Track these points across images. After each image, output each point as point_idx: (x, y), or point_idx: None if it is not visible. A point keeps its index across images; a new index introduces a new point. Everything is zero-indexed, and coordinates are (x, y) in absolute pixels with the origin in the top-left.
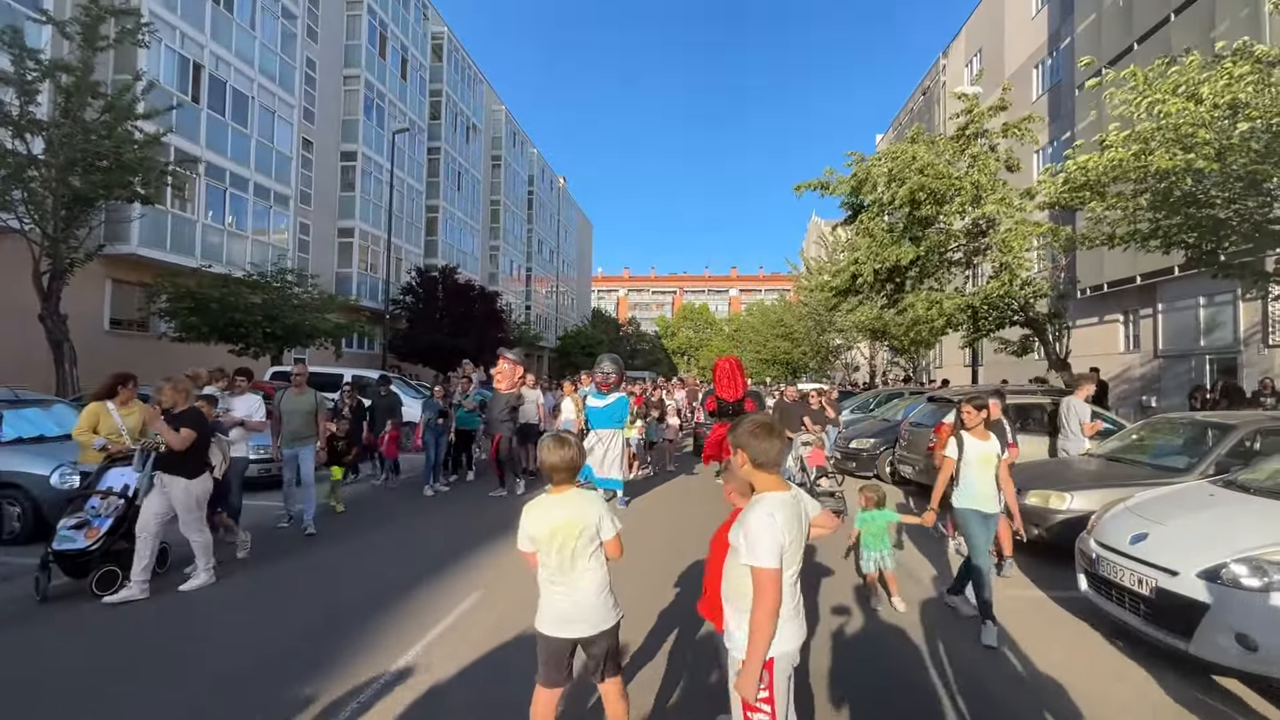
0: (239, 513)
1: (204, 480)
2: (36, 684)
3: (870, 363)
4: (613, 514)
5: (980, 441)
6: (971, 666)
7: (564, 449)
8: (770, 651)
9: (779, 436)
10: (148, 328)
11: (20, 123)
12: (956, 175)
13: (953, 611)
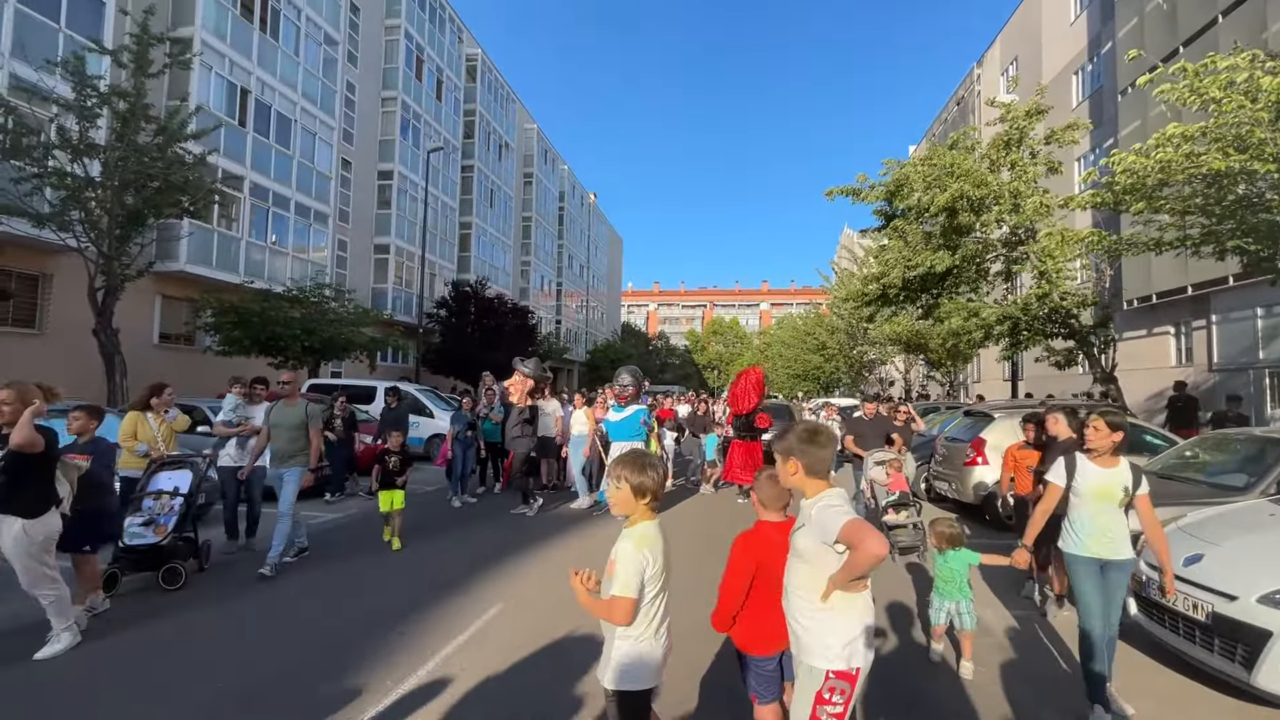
0: (257, 522)
1: (46, 520)
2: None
3: (905, 377)
4: (636, 568)
5: (1102, 469)
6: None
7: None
8: (858, 661)
9: (832, 443)
10: (194, 342)
11: (79, 146)
12: (997, 183)
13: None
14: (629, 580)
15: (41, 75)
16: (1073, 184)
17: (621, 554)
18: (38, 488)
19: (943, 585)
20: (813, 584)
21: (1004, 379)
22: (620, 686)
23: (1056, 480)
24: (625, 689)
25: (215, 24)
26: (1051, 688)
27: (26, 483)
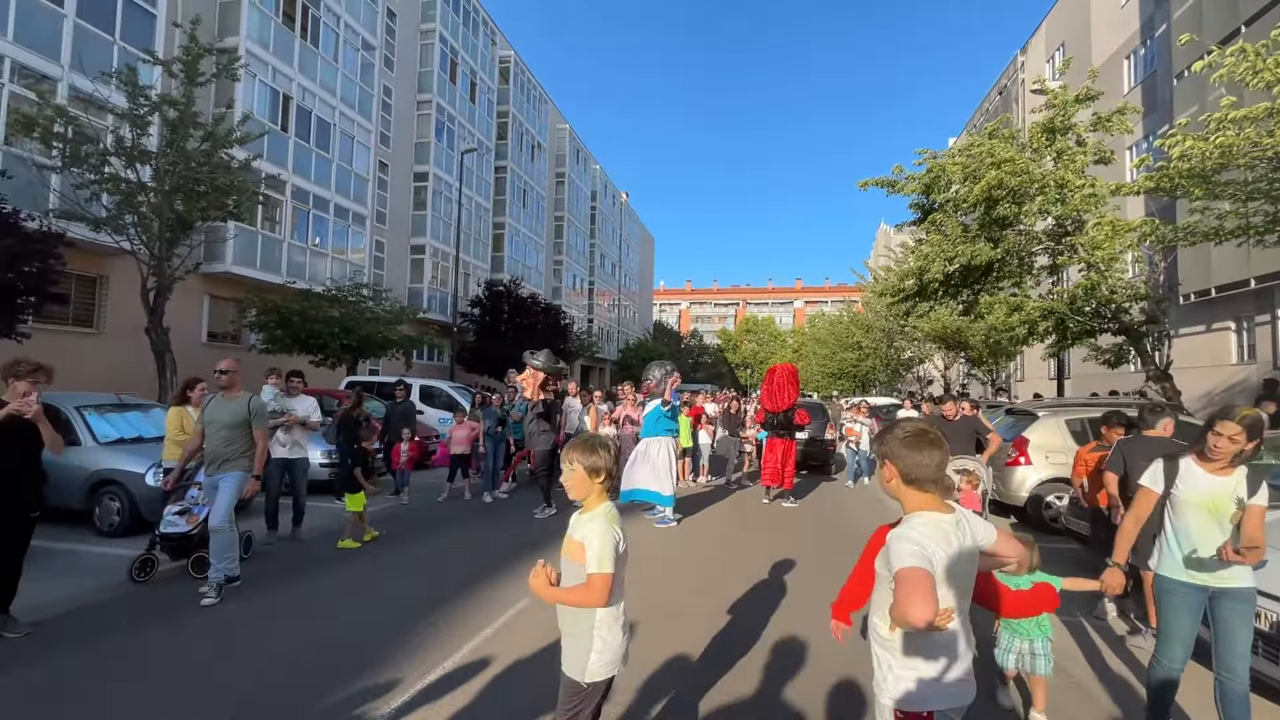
0: (303, 513)
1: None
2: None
3: (944, 375)
4: (611, 543)
5: (1214, 476)
6: None
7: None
8: (931, 703)
9: (938, 446)
10: (240, 340)
11: (133, 153)
12: (1040, 172)
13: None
14: (605, 555)
15: (97, 86)
16: (1124, 174)
17: (593, 532)
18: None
19: (1013, 619)
20: (885, 608)
21: (1049, 377)
22: (595, 678)
23: (1152, 485)
24: (598, 679)
25: (259, 33)
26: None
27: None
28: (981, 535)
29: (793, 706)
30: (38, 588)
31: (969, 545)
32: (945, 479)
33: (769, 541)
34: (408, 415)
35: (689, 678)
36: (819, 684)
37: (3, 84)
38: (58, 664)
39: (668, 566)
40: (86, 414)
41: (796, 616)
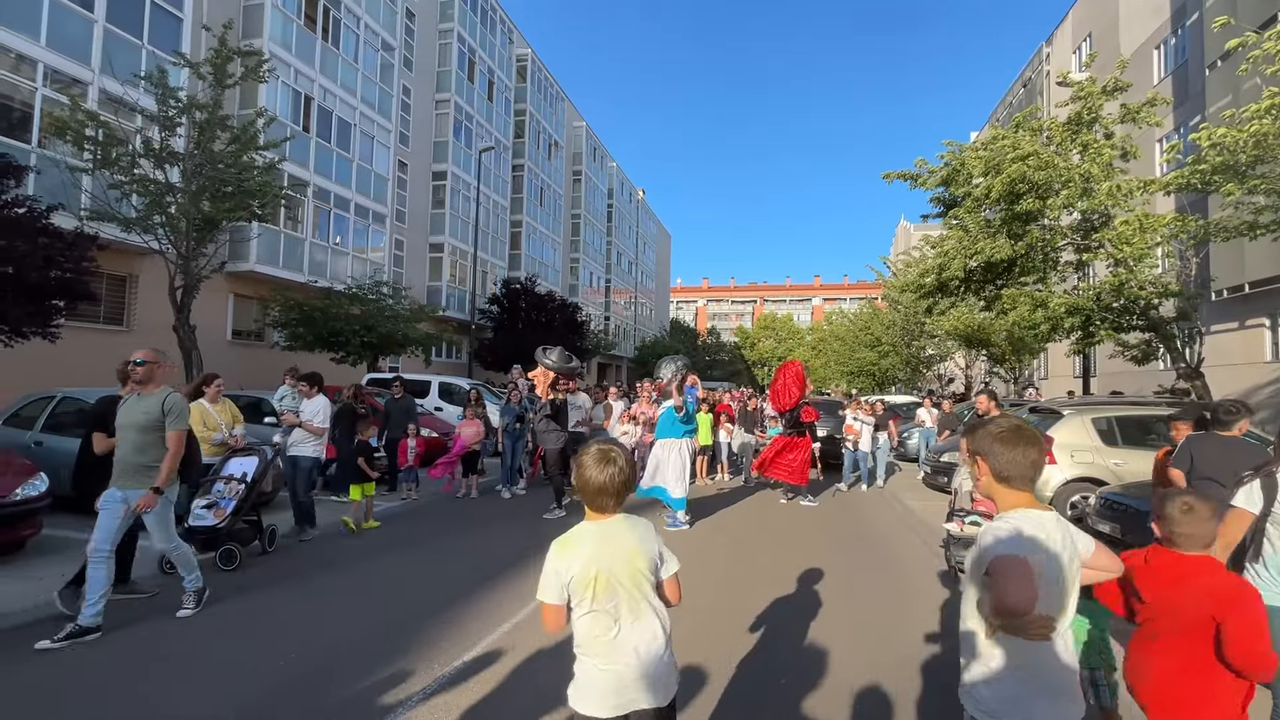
0: (312, 512)
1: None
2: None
3: (966, 373)
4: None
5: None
6: None
7: (609, 466)
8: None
9: (1034, 443)
10: (264, 338)
11: (161, 155)
12: (1064, 166)
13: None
14: (541, 582)
15: (127, 89)
16: (1153, 167)
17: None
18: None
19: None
20: (974, 612)
21: (1074, 375)
22: (573, 705)
23: (1247, 506)
24: (575, 709)
25: (282, 35)
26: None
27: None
28: (1082, 544)
29: (813, 712)
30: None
31: (1070, 549)
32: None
33: (783, 542)
34: (409, 412)
35: (703, 681)
36: (840, 689)
37: (36, 88)
38: (88, 651)
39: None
40: None
41: (809, 619)
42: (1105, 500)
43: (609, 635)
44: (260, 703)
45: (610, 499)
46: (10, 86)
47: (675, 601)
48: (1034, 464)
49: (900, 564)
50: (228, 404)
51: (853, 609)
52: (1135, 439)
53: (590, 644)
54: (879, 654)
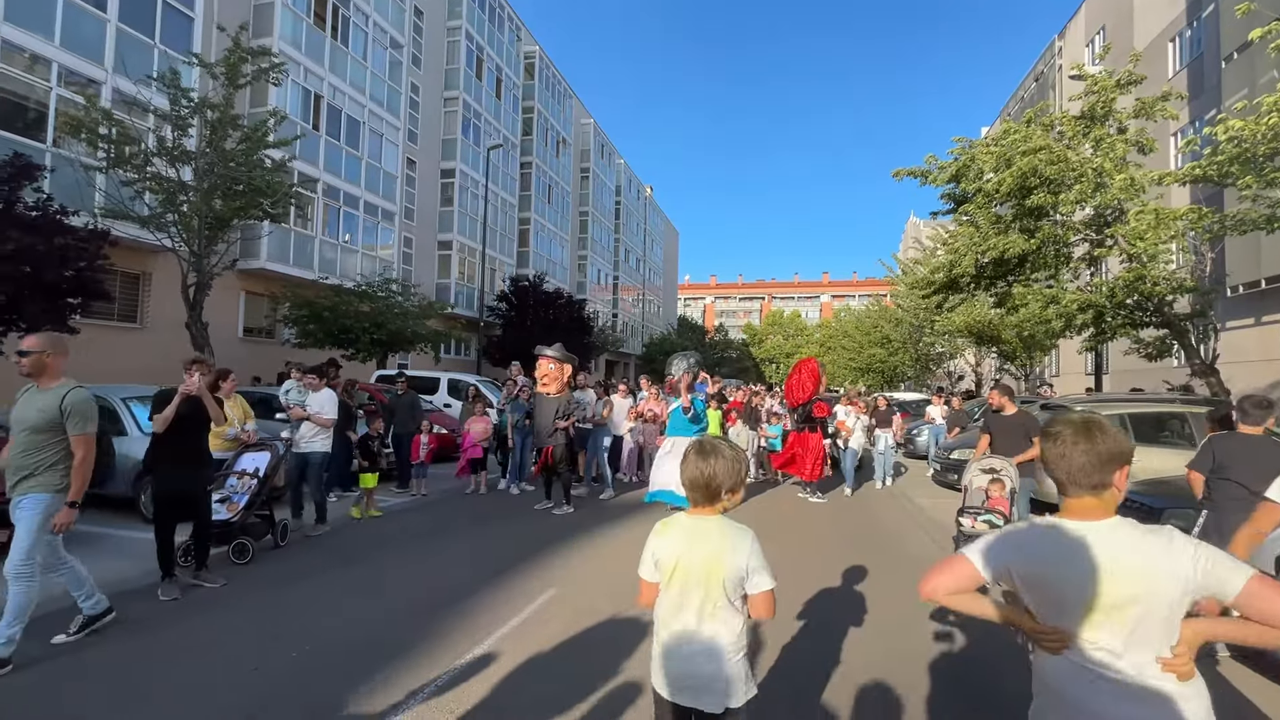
0: (323, 506)
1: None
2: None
3: (975, 370)
4: (765, 558)
5: None
6: None
7: (699, 461)
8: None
9: (1080, 439)
10: (274, 335)
11: (174, 153)
12: (1077, 160)
13: None
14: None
15: (140, 89)
16: (1168, 162)
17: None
18: None
19: None
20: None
21: (1086, 372)
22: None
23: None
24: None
25: (292, 34)
26: None
27: None
28: (1214, 577)
29: (822, 709)
30: (90, 569)
31: (1129, 562)
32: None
33: (792, 540)
34: (413, 407)
35: None
36: (848, 686)
37: (50, 87)
38: (107, 643)
39: None
40: (132, 405)
41: (817, 616)
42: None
43: (676, 624)
44: (270, 695)
45: (698, 494)
46: (26, 86)
47: (760, 617)
48: (1080, 468)
49: (910, 561)
50: (239, 400)
51: (861, 606)
52: (1148, 436)
53: (661, 625)
54: (887, 651)
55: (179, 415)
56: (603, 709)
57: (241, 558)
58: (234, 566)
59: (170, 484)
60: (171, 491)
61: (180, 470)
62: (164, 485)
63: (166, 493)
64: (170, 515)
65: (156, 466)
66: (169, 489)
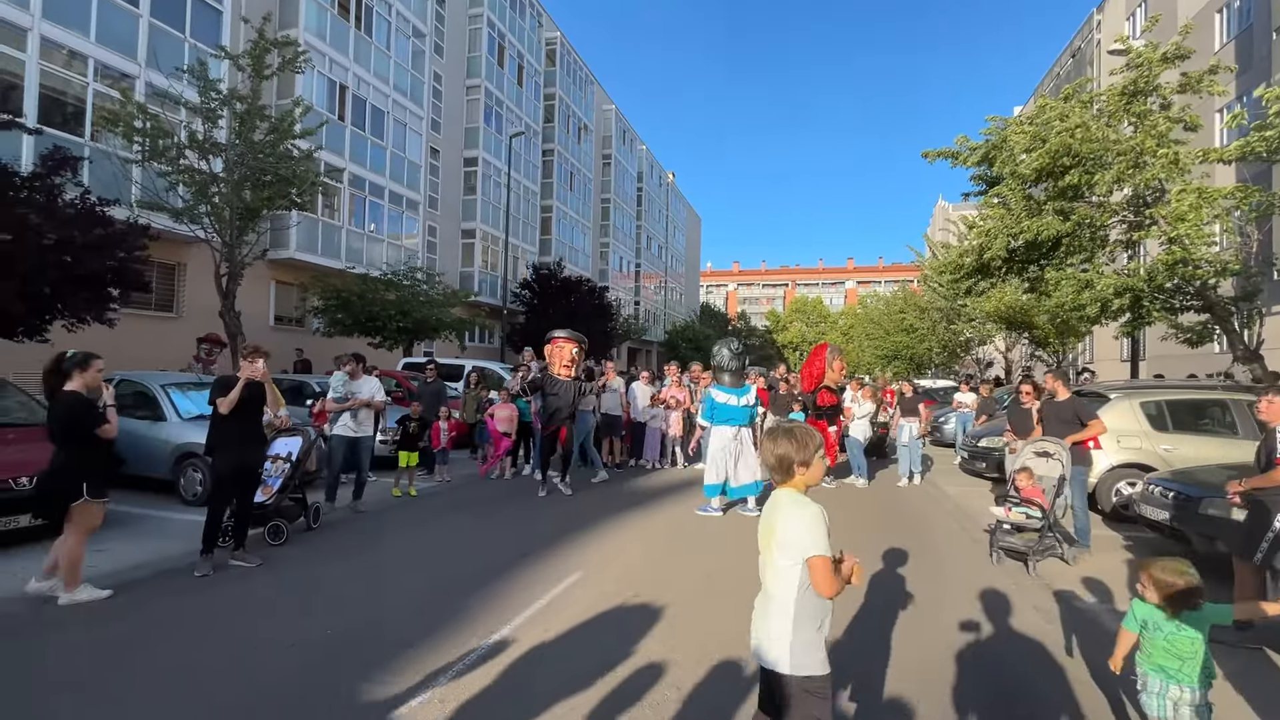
0: (364, 487)
1: None
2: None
3: (1006, 356)
4: (818, 529)
5: None
6: None
7: (770, 442)
8: None
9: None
10: (304, 324)
11: (205, 146)
12: (1115, 139)
13: None
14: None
15: (171, 82)
16: (1213, 139)
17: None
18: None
19: (1168, 662)
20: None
21: (1122, 359)
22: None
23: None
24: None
25: (317, 25)
26: None
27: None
28: None
29: (850, 697)
30: (133, 548)
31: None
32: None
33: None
34: (439, 395)
35: (739, 668)
36: (875, 677)
37: (87, 83)
38: (147, 617)
39: (720, 555)
40: (170, 392)
41: (848, 606)
42: (1155, 486)
43: (763, 585)
44: (304, 670)
45: (775, 473)
46: (64, 82)
47: (822, 593)
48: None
49: (937, 551)
50: (272, 388)
51: (890, 597)
52: (1187, 424)
53: None
54: (915, 641)
55: (241, 398)
56: (626, 690)
57: (277, 539)
58: (269, 548)
59: (232, 463)
60: (233, 471)
61: (242, 450)
62: (226, 465)
63: (228, 472)
64: (228, 493)
65: (219, 447)
66: (231, 468)
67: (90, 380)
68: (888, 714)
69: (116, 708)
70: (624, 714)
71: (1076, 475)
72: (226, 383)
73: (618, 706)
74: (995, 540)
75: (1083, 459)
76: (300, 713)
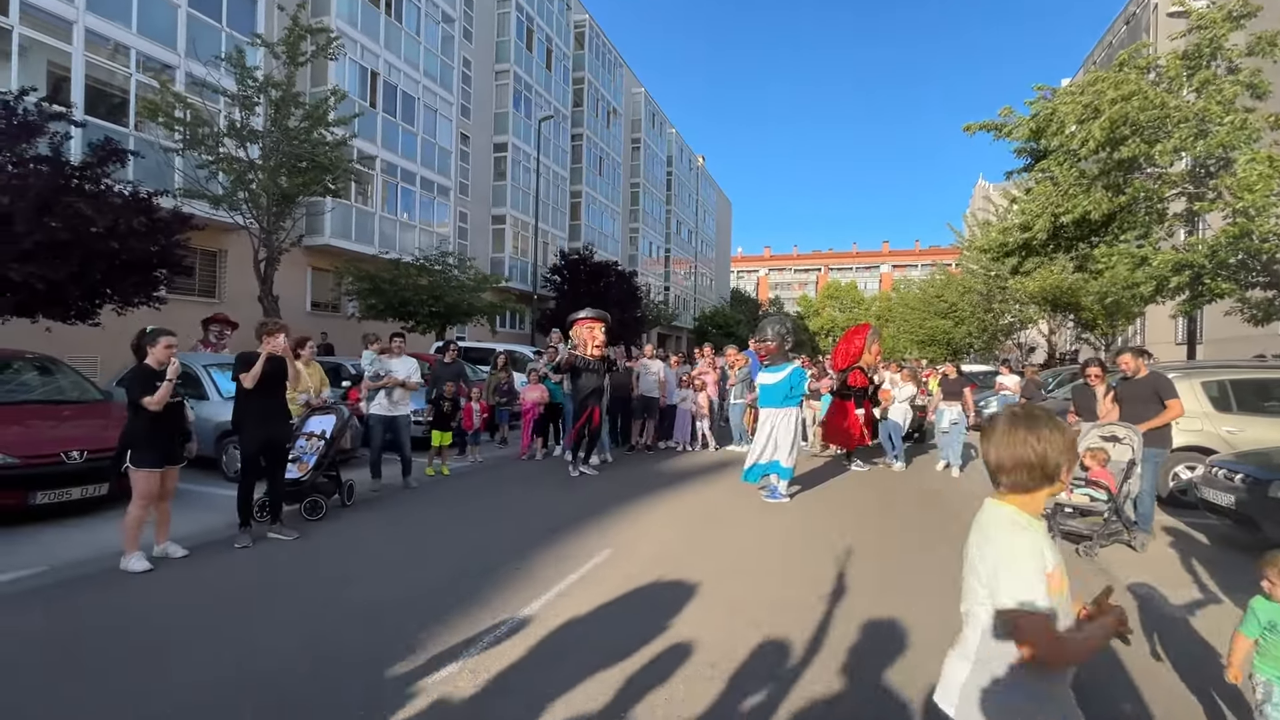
0: (410, 463)
1: None
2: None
3: (1049, 340)
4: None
5: None
6: None
7: (1032, 434)
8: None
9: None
10: (339, 309)
11: (243, 133)
12: (1176, 105)
13: None
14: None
15: (210, 71)
16: None
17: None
18: None
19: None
20: None
21: (1177, 341)
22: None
23: None
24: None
25: (349, 12)
26: None
27: None
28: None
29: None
30: (176, 520)
31: None
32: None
33: (858, 515)
34: (459, 375)
35: (786, 651)
36: (917, 671)
37: (130, 74)
38: (195, 583)
39: (785, 552)
40: (212, 372)
41: (888, 592)
42: (1220, 469)
43: None
44: (337, 636)
45: (1020, 476)
46: (108, 74)
47: (1023, 652)
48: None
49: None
50: (317, 368)
51: (933, 586)
52: (1252, 405)
53: None
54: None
55: (264, 373)
56: (653, 668)
57: (314, 514)
58: (306, 523)
59: (259, 439)
60: (259, 446)
61: (266, 425)
62: (252, 440)
63: (255, 447)
64: (255, 468)
65: (244, 422)
66: (258, 443)
67: (160, 355)
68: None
69: (154, 658)
70: (656, 690)
71: (1150, 458)
72: (248, 359)
73: (649, 682)
74: (1055, 523)
75: (1162, 441)
76: (331, 678)
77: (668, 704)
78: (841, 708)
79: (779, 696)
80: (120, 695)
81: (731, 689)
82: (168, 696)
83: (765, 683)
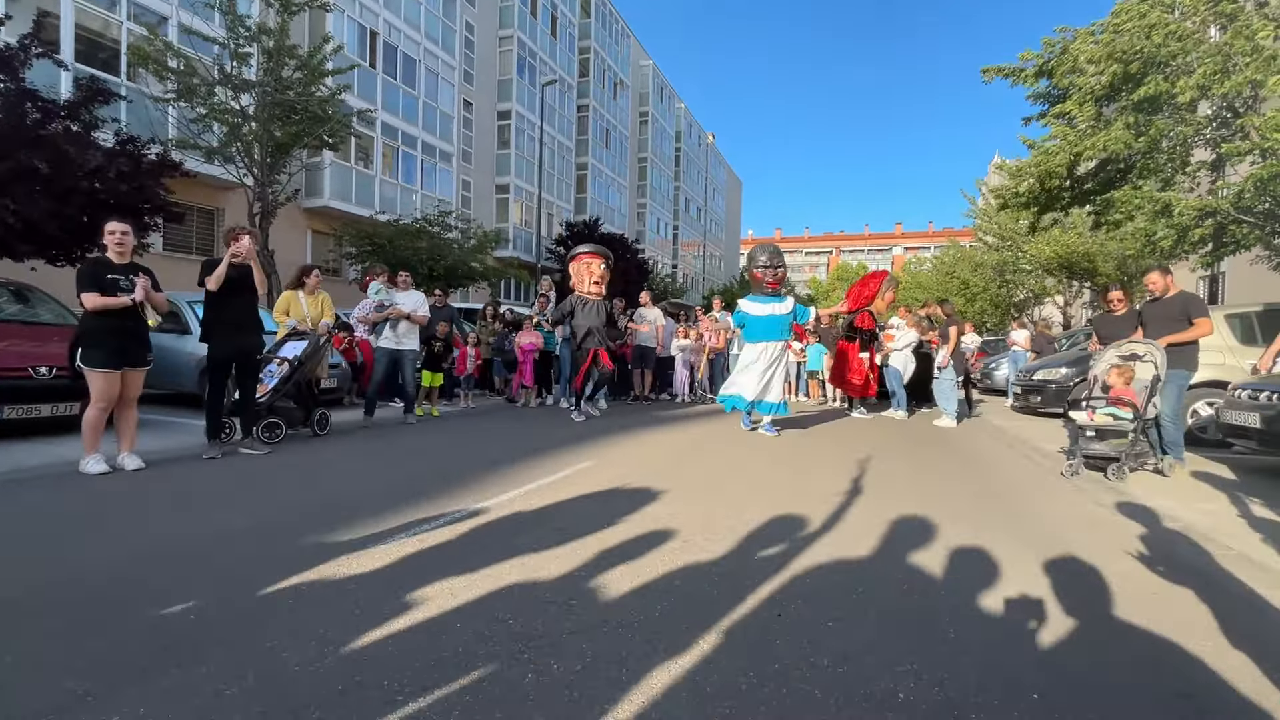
0: (414, 399)
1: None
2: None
3: (1064, 312)
4: None
5: None
6: None
7: None
8: None
9: None
10: (340, 274)
11: (235, 83)
12: (1198, 37)
13: None
14: None
15: (201, 20)
16: None
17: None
18: None
19: None
20: None
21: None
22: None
23: None
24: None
25: None
26: None
27: None
28: None
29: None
30: (153, 441)
31: None
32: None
33: (873, 459)
34: (451, 319)
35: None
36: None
37: (122, 22)
38: (152, 481)
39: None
40: (195, 308)
41: (920, 540)
42: (1243, 391)
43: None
44: (271, 522)
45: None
46: (102, 23)
47: None
48: None
49: (1006, 479)
50: (323, 296)
51: (961, 533)
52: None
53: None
54: (992, 581)
55: (229, 279)
56: (621, 547)
57: (271, 436)
58: (277, 444)
59: (225, 347)
60: (227, 355)
61: (235, 334)
62: (219, 349)
63: (223, 355)
64: (224, 376)
65: (213, 331)
66: (225, 352)
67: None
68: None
69: (119, 544)
70: (620, 562)
71: (1173, 379)
72: (212, 263)
73: (613, 557)
74: (1076, 448)
75: (1187, 361)
76: (277, 547)
77: (634, 573)
78: (820, 574)
79: (748, 560)
80: (38, 563)
81: (701, 559)
82: (82, 565)
83: (738, 559)
